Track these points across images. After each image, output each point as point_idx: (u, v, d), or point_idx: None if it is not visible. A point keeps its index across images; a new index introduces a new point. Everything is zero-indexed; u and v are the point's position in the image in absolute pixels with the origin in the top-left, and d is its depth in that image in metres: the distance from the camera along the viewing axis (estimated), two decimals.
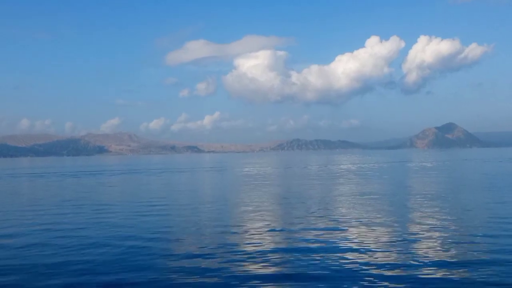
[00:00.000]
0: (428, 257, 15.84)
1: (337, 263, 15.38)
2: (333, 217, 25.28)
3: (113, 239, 19.92)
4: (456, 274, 13.76)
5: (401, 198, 35.18)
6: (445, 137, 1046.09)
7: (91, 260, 16.42)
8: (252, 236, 20.22)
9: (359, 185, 47.49)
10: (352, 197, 35.61)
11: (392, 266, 14.76)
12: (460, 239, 18.72)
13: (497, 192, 36.90)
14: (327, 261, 15.55)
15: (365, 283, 13.14)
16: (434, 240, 18.63)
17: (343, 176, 65.03)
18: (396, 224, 22.48)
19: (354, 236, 19.64)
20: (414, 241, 18.43)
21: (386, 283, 13.11)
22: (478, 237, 18.98)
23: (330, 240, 18.98)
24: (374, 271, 14.26)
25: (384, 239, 19.00)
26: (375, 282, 13.20)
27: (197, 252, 17.07)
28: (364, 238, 19.26)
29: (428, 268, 14.39)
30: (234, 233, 20.94)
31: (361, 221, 23.45)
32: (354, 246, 17.67)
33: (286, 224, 23.21)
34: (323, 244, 18.10)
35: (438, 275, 13.65)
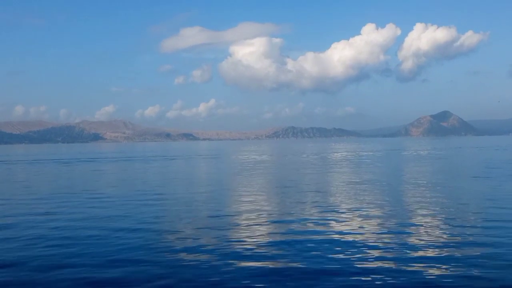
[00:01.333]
0: (425, 248, 15.60)
1: (331, 254, 15.16)
2: (328, 206, 25.05)
3: (105, 229, 19.44)
4: (453, 269, 13.46)
5: (397, 186, 35.26)
6: (440, 125, 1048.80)
7: (81, 251, 16.09)
8: (247, 227, 19.87)
9: (354, 173, 47.57)
10: (348, 185, 35.56)
11: (387, 258, 14.58)
12: (457, 228, 18.68)
13: (494, 180, 36.84)
14: (321, 253, 15.27)
15: (360, 277, 12.89)
16: (431, 229, 18.50)
17: (339, 164, 65.25)
18: (392, 214, 22.33)
19: (349, 226, 19.43)
20: (411, 233, 18.02)
21: (380, 276, 12.96)
22: (474, 228, 18.93)
23: (326, 230, 18.68)
24: (368, 264, 14.02)
25: (379, 229, 18.75)
26: (368, 275, 12.98)
27: (190, 245, 16.55)
28: (360, 228, 19.08)
29: (424, 262, 14.14)
30: (230, 224, 20.56)
31: (356, 211, 23.32)
32: (350, 238, 17.34)
33: (281, 214, 22.98)
34: (318, 235, 17.76)
35: (435, 271, 13.29)
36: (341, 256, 14.95)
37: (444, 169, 52.75)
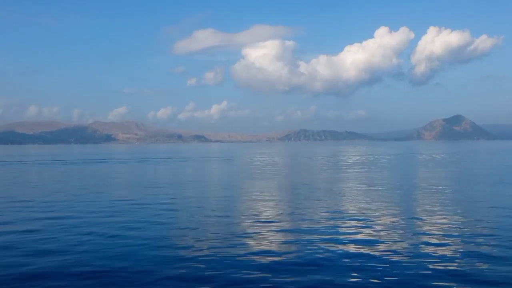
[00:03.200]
0: (436, 254, 15.38)
1: (340, 257, 15.16)
2: (341, 210, 24.95)
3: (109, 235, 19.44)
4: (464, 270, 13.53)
5: (410, 190, 34.91)
6: (453, 129, 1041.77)
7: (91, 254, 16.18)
8: (258, 231, 19.69)
9: (367, 176, 47.19)
10: (360, 189, 35.38)
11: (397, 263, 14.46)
12: (470, 233, 18.44)
13: (507, 186, 36.62)
14: (329, 255, 15.28)
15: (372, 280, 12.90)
16: (443, 234, 18.33)
17: (351, 167, 64.89)
18: (404, 218, 22.13)
19: (361, 231, 19.25)
20: (424, 239, 17.65)
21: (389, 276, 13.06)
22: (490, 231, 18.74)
23: (339, 237, 18.30)
24: (379, 269, 13.92)
25: (391, 234, 18.53)
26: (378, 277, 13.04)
27: (195, 253, 16.00)
28: (372, 232, 18.93)
29: (436, 267, 14.05)
30: (249, 231, 20.01)
31: (369, 214, 23.21)
32: (363, 242, 17.19)
33: (291, 218, 22.79)
34: (330, 241, 17.47)
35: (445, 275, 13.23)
36: (356, 266, 14.52)
37: (456, 173, 52.29)
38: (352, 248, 16.14)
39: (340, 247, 16.29)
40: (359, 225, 20.23)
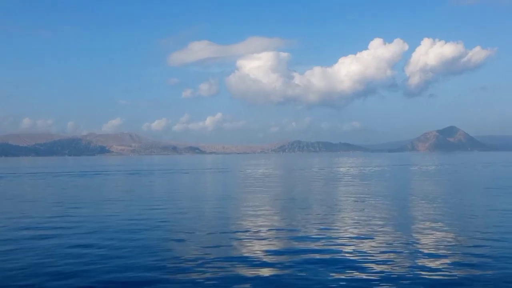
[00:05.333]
0: (433, 269, 15.50)
1: (337, 273, 15.19)
2: (335, 225, 25.02)
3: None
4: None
5: (405, 202, 35.10)
6: (447, 140, 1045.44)
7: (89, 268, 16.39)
8: (254, 244, 19.92)
9: (361, 189, 47.36)
10: (355, 201, 35.45)
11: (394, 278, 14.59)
12: (466, 247, 18.71)
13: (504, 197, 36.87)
14: (326, 272, 15.30)
15: None
16: (439, 248, 18.54)
17: (345, 179, 65.06)
18: (400, 231, 22.21)
19: (357, 245, 19.33)
20: (419, 251, 17.92)
21: None
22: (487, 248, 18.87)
23: (335, 249, 18.60)
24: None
25: (387, 248, 18.60)
26: None
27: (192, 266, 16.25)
28: (367, 246, 19.03)
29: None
30: (244, 241, 20.50)
31: (363, 227, 23.30)
32: (356, 257, 17.29)
33: (286, 231, 22.81)
34: (324, 255, 17.65)
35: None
36: (345, 272, 15.00)
37: (450, 184, 52.52)
38: (345, 269, 15.81)
39: (333, 267, 15.92)
40: (353, 242, 19.91)
